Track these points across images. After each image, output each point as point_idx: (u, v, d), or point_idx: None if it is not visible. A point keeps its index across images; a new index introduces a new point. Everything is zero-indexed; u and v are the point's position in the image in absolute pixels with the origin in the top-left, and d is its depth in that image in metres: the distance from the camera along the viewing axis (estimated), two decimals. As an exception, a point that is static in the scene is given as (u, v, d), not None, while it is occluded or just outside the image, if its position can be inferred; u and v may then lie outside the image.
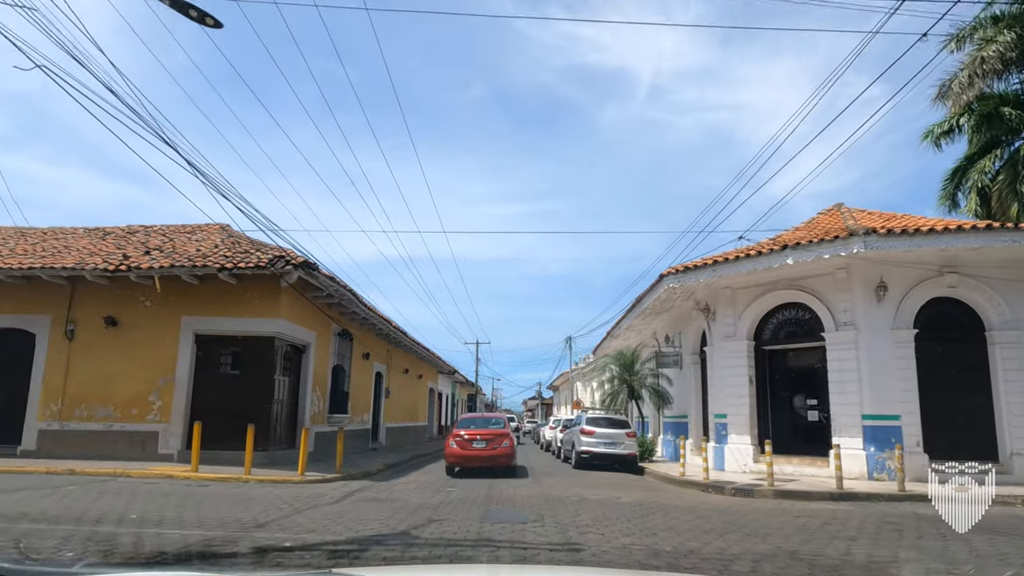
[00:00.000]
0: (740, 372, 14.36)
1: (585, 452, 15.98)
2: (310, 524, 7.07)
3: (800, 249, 12.13)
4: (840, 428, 12.52)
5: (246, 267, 12.70)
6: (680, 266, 14.43)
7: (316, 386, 16.01)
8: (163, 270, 12.77)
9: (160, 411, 13.44)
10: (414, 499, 9.55)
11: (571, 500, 9.49)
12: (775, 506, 9.60)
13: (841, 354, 12.69)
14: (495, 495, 9.86)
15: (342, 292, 15.00)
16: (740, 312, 14.62)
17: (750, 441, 14.02)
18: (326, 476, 12.16)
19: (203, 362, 13.80)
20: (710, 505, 9.57)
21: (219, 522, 7.05)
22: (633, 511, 8.58)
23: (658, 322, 20.67)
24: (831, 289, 13.07)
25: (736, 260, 13.20)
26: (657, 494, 11.02)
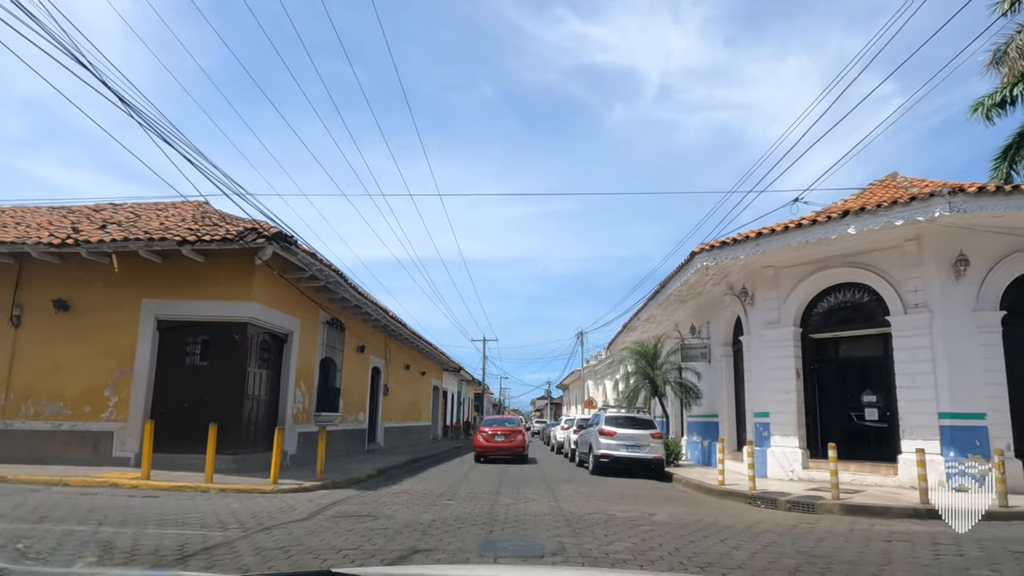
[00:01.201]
0: (785, 364, 12.41)
1: (604, 456, 14.08)
2: (251, 556, 5.24)
3: (865, 216, 10.17)
4: (910, 429, 10.55)
5: (211, 240, 10.90)
6: (716, 241, 12.49)
7: (301, 380, 14.21)
8: (116, 244, 11.00)
9: (116, 408, 11.67)
10: (402, 515, 7.71)
11: (596, 519, 7.60)
12: (850, 526, 7.66)
13: (911, 341, 10.72)
14: (501, 512, 7.99)
15: (328, 273, 13.18)
16: (785, 295, 12.66)
17: (797, 444, 12.07)
18: (303, 484, 10.34)
19: (166, 351, 12.02)
20: (768, 524, 7.66)
21: (128, 551, 5.24)
22: (678, 535, 6.69)
23: (682, 311, 18.72)
24: (898, 265, 11.10)
25: (785, 232, 11.25)
26: (697, 508, 9.11)
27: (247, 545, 5.67)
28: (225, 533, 6.27)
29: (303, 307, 14.13)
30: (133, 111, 8.53)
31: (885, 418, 11.71)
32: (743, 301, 13.75)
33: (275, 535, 6.21)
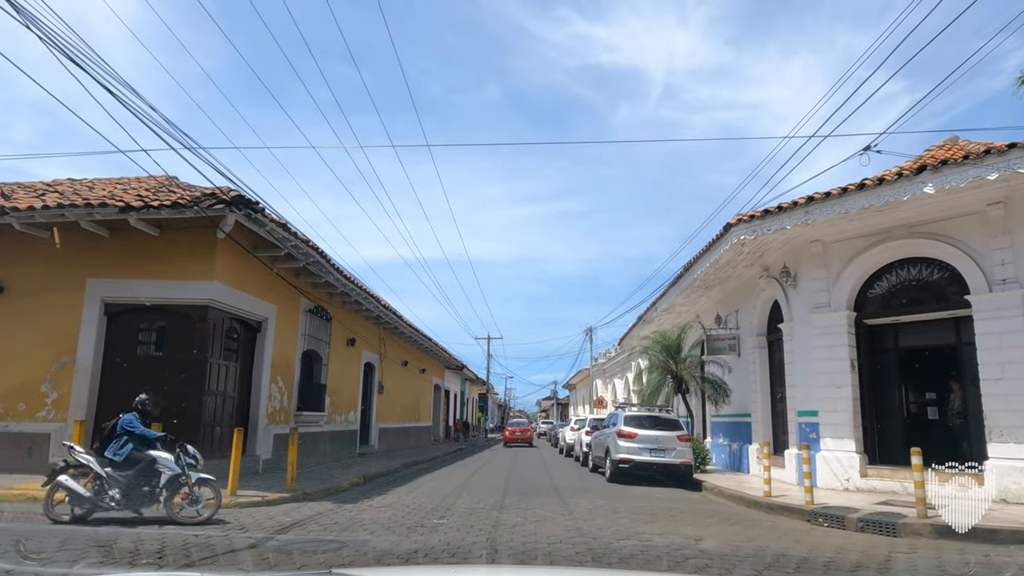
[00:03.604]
0: (837, 355, 10.59)
1: (624, 461, 12.29)
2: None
3: (947, 171, 8.35)
4: (1000, 430, 8.73)
5: (160, 206, 9.19)
6: (756, 211, 10.69)
7: (278, 375, 12.49)
8: (50, 212, 9.31)
9: (55, 405, 9.98)
10: (377, 541, 5.97)
11: (628, 548, 5.82)
12: (960, 557, 5.86)
13: (999, 324, 8.89)
14: (504, 538, 6.21)
15: (305, 251, 11.44)
16: (836, 274, 10.85)
17: (854, 448, 10.25)
18: (267, 496, 8.64)
19: (115, 340, 10.32)
20: (854, 555, 5.89)
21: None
22: (744, 574, 4.92)
23: (705, 300, 16.92)
24: (978, 234, 9.28)
25: (842, 195, 9.44)
26: (748, 529, 7.32)
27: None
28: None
29: (280, 292, 12.42)
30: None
31: (960, 417, 9.91)
32: (783, 283, 11.94)
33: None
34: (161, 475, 6.84)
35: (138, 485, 6.77)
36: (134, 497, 6.80)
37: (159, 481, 6.83)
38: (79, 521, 6.57)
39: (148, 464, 6.86)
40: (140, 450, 6.93)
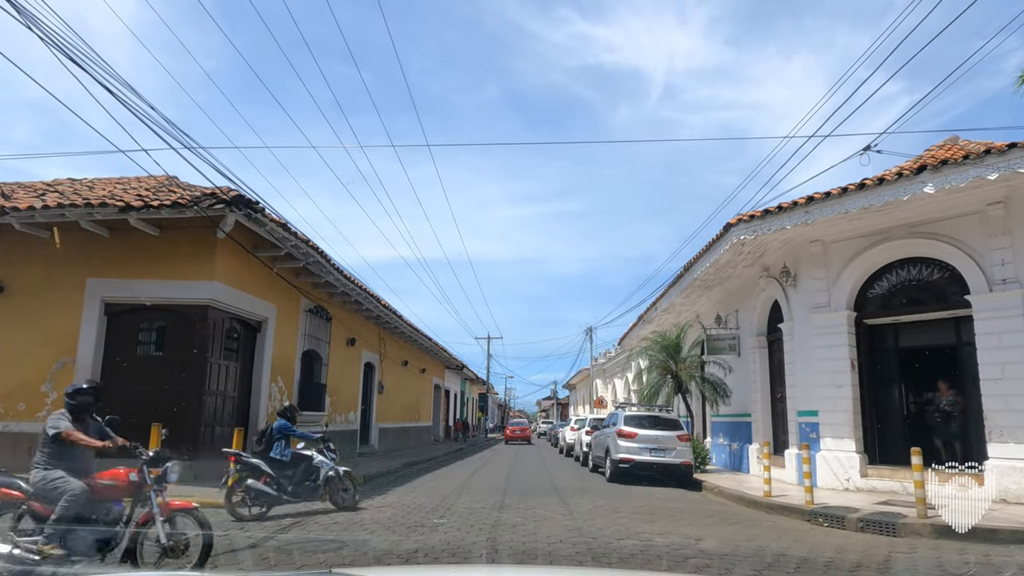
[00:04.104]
0: (837, 354, 10.59)
1: (624, 461, 12.29)
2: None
3: (948, 170, 8.35)
4: (1000, 430, 8.72)
5: (160, 206, 9.19)
6: (756, 211, 10.69)
7: (278, 375, 12.50)
8: (51, 212, 9.31)
9: (55, 405, 9.93)
10: (377, 541, 5.98)
11: (628, 548, 5.83)
12: (960, 556, 5.87)
13: (999, 324, 8.89)
14: (504, 538, 6.21)
15: (305, 251, 11.45)
16: (836, 274, 10.85)
17: (854, 448, 10.25)
18: (268, 496, 8.61)
19: (115, 339, 10.32)
20: (854, 554, 5.89)
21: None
22: (744, 574, 4.93)
23: (705, 300, 16.92)
24: (979, 234, 9.28)
25: (842, 195, 9.44)
26: (748, 529, 7.33)
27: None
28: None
29: (280, 292, 12.42)
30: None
31: (959, 417, 9.92)
32: (783, 283, 11.94)
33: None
34: (320, 471, 8.01)
35: (303, 480, 7.91)
36: (302, 491, 7.91)
37: (319, 476, 7.98)
38: (261, 518, 7.47)
39: (308, 462, 8.01)
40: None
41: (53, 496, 4.53)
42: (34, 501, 4.57)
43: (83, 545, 4.43)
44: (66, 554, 4.36)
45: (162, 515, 4.66)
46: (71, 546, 4.39)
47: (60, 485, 4.53)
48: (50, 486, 4.56)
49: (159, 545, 4.59)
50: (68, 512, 4.42)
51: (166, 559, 4.58)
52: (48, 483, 4.57)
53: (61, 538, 4.36)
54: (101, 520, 4.59)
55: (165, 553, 4.59)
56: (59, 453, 4.71)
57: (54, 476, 4.58)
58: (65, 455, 4.72)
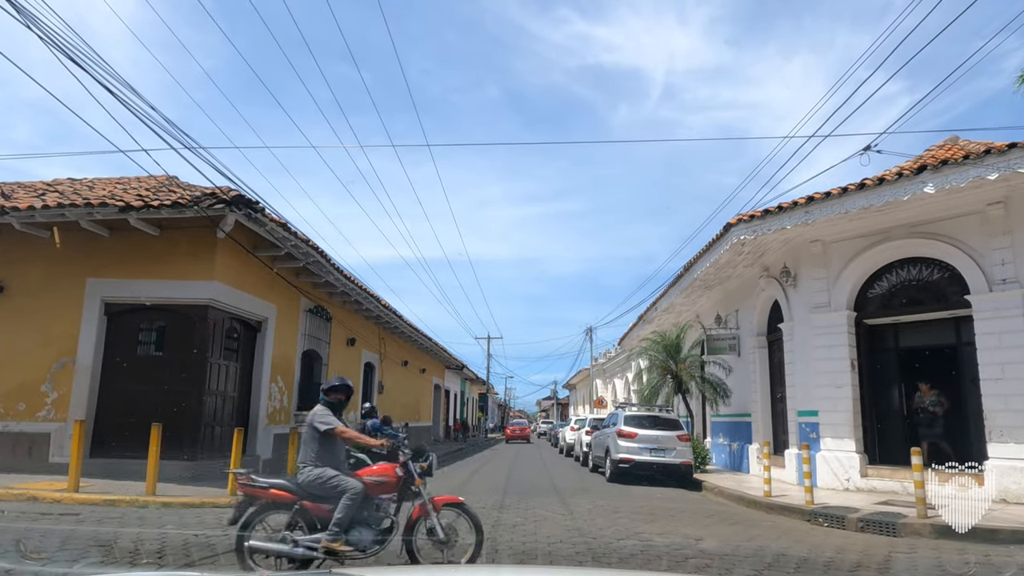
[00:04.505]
0: (837, 354, 10.59)
1: (624, 461, 12.29)
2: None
3: (948, 170, 8.35)
4: (1000, 430, 8.73)
5: (160, 206, 9.19)
6: (756, 211, 10.70)
7: (278, 375, 12.50)
8: (51, 212, 9.31)
9: (55, 405, 9.98)
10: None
11: (628, 548, 5.83)
12: (959, 556, 5.87)
13: (999, 324, 8.89)
14: (504, 538, 6.21)
15: (305, 251, 11.45)
16: (836, 274, 10.85)
17: (854, 448, 10.25)
18: (268, 496, 8.61)
19: (115, 339, 10.32)
20: (854, 554, 5.89)
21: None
22: (744, 574, 4.93)
23: (705, 300, 16.92)
24: (979, 234, 9.28)
25: (842, 195, 9.44)
26: (748, 529, 7.33)
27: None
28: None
29: (280, 292, 12.42)
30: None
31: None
32: (783, 283, 11.94)
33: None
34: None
35: None
36: None
37: None
38: None
39: (393, 456, 8.44)
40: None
41: (330, 495, 4.53)
42: (305, 500, 4.55)
43: (364, 542, 4.47)
44: (351, 551, 4.40)
45: (435, 509, 4.66)
46: (353, 543, 4.43)
47: (339, 484, 4.52)
48: (328, 485, 4.54)
49: (433, 539, 4.60)
50: (350, 511, 4.45)
51: (440, 552, 4.58)
52: (325, 482, 4.56)
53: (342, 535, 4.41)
54: (372, 516, 4.60)
55: (440, 546, 4.58)
56: (327, 450, 4.72)
57: (330, 475, 4.58)
58: (330, 453, 4.74)
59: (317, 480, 4.55)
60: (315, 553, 4.34)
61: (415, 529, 4.63)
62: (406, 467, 4.71)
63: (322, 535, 4.39)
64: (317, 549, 4.34)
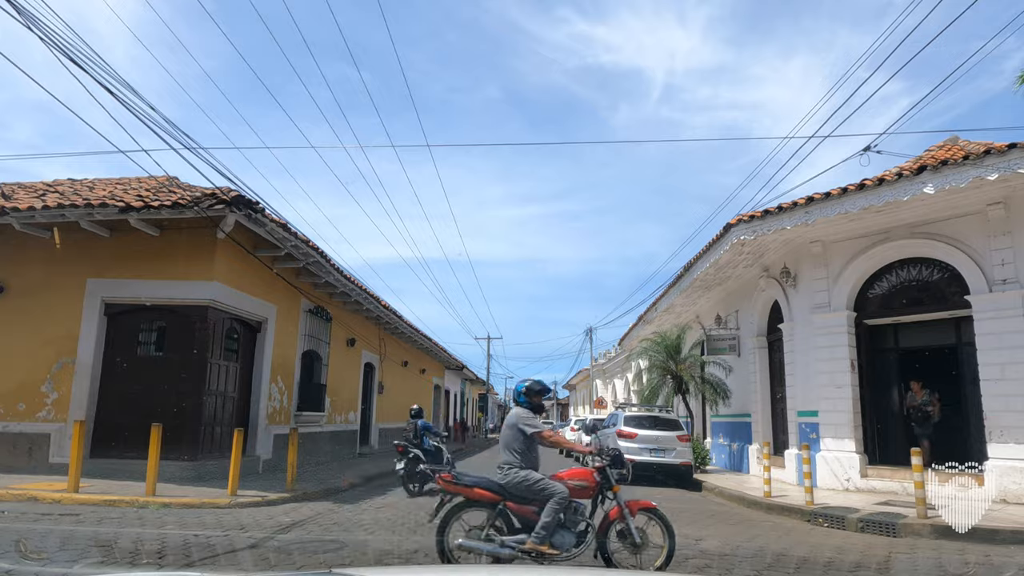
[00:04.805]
0: (837, 355, 10.60)
1: (624, 461, 12.27)
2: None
3: (947, 171, 8.36)
4: (1000, 431, 8.73)
5: (160, 206, 9.19)
6: (756, 212, 10.70)
7: (278, 375, 12.49)
8: (50, 212, 9.30)
9: (55, 406, 9.97)
10: (377, 541, 5.99)
11: (628, 547, 5.82)
12: (960, 556, 5.87)
13: (999, 324, 8.90)
14: (505, 537, 6.21)
15: (306, 251, 11.44)
16: (836, 274, 10.86)
17: (854, 448, 10.26)
18: (268, 496, 8.63)
19: (115, 340, 10.32)
20: (854, 555, 5.89)
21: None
22: (744, 574, 4.93)
23: (704, 300, 16.94)
24: (979, 234, 9.29)
25: (842, 196, 9.45)
26: (748, 529, 7.34)
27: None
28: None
29: (280, 292, 12.42)
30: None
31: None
32: (783, 283, 11.96)
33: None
34: (444, 456, 10.58)
35: (437, 462, 10.24)
36: (438, 471, 10.37)
37: (443, 459, 10.48)
38: (420, 493, 9.68)
39: (438, 451, 10.62)
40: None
41: (536, 497, 4.59)
42: (509, 501, 4.62)
43: (567, 544, 4.51)
44: (557, 553, 4.44)
45: (631, 513, 4.69)
46: (557, 545, 4.46)
47: (547, 487, 4.56)
48: (536, 488, 4.58)
49: (626, 543, 4.63)
50: (557, 514, 4.49)
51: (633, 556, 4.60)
52: (532, 484, 4.59)
53: (548, 538, 4.45)
54: (570, 519, 4.62)
55: (633, 550, 4.61)
56: (531, 453, 4.77)
57: (537, 478, 4.62)
58: (532, 455, 4.78)
59: (524, 482, 4.60)
60: (518, 553, 4.42)
61: (608, 532, 4.68)
62: (603, 472, 4.77)
63: (525, 536, 4.47)
64: (523, 549, 4.40)
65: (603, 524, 4.66)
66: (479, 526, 4.64)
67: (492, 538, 4.52)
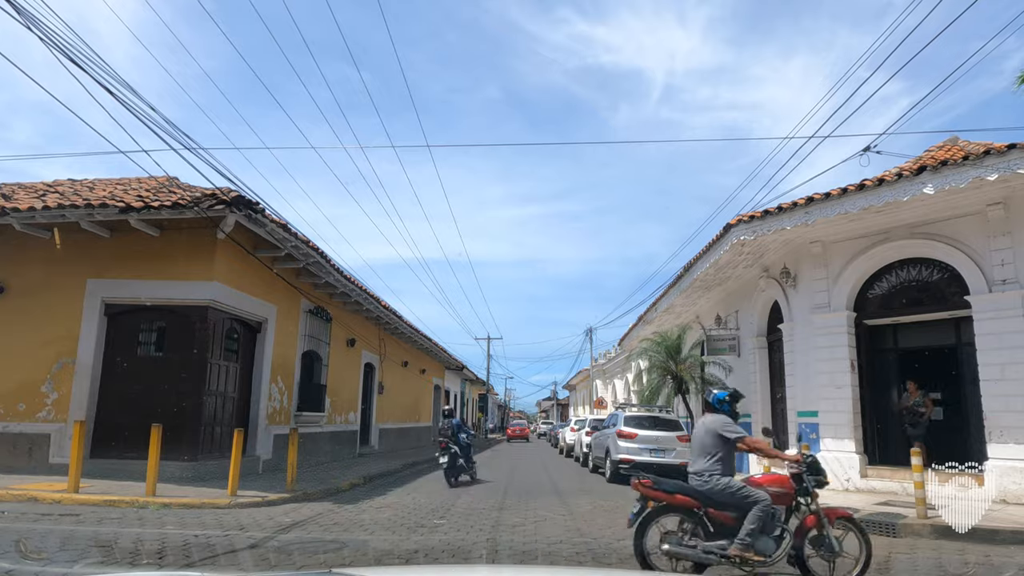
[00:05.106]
0: (837, 355, 10.60)
1: (624, 461, 12.29)
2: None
3: (947, 171, 8.36)
4: (1000, 431, 8.73)
5: (160, 207, 9.20)
6: (756, 212, 10.70)
7: (278, 375, 12.50)
8: (51, 213, 9.31)
9: (55, 406, 9.98)
10: (377, 541, 5.99)
11: (626, 548, 5.79)
12: (960, 556, 5.87)
13: (999, 325, 8.90)
14: (504, 539, 6.22)
15: (306, 251, 11.45)
16: (836, 275, 10.85)
17: (854, 448, 10.26)
18: (268, 496, 8.63)
19: (115, 340, 10.33)
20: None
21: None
22: (744, 575, 4.93)
23: (704, 300, 16.92)
24: (979, 235, 9.28)
25: (842, 196, 9.44)
26: (748, 529, 7.32)
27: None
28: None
29: (280, 292, 12.42)
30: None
31: (959, 418, 9.93)
32: (783, 283, 11.95)
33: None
34: (471, 451, 11.92)
35: (467, 456, 11.66)
36: (469, 465, 11.93)
37: (470, 453, 12.03)
38: (459, 484, 11.15)
39: (468, 447, 11.74)
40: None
41: (738, 504, 4.57)
42: (709, 507, 4.63)
43: (769, 550, 4.50)
44: (762, 560, 4.45)
45: (829, 522, 4.65)
46: (760, 552, 4.47)
47: (750, 494, 4.56)
48: (739, 495, 4.58)
49: (821, 551, 4.61)
50: (761, 521, 4.48)
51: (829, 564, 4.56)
52: (735, 491, 4.59)
53: (752, 544, 4.45)
54: (769, 525, 4.60)
55: (830, 557, 4.57)
56: (730, 459, 4.79)
57: (739, 485, 4.63)
58: (731, 461, 4.80)
59: (727, 489, 4.60)
60: (721, 559, 4.47)
61: (804, 539, 4.65)
62: (800, 479, 4.72)
63: (724, 542, 4.50)
64: (725, 555, 4.45)
65: (799, 530, 4.64)
66: (671, 531, 4.69)
67: (697, 545, 4.56)
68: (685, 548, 4.57)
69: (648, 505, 4.71)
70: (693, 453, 4.98)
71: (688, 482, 4.81)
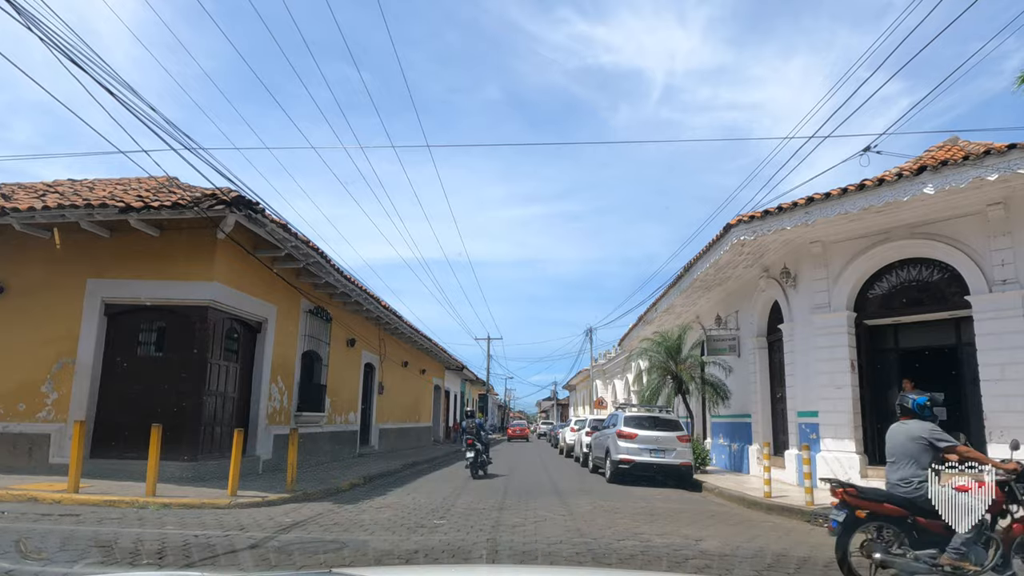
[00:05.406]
0: (837, 355, 10.60)
1: (624, 461, 12.29)
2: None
3: (947, 171, 8.36)
4: (1000, 431, 8.71)
5: (160, 207, 9.19)
6: (756, 212, 10.70)
7: (278, 375, 12.49)
8: (51, 213, 9.30)
9: (55, 406, 9.98)
10: (377, 542, 5.99)
11: (628, 548, 5.83)
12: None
13: (999, 325, 8.90)
14: (505, 539, 6.21)
15: (306, 252, 11.44)
16: (836, 275, 10.85)
17: (854, 448, 10.26)
18: (268, 497, 8.63)
19: (115, 340, 10.32)
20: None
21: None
22: (744, 575, 4.93)
23: (705, 301, 16.93)
24: (979, 235, 9.28)
25: (842, 196, 9.44)
26: (748, 530, 7.34)
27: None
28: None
29: (280, 292, 12.42)
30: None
31: (959, 418, 9.93)
32: (783, 284, 11.95)
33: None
34: (490, 448, 12.97)
35: (487, 451, 13.34)
36: (488, 459, 13.22)
37: (488, 450, 13.28)
38: (484, 476, 12.90)
39: (488, 444, 12.91)
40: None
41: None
42: (918, 516, 4.61)
43: (982, 559, 4.47)
44: (977, 570, 4.40)
45: None
46: (974, 561, 4.43)
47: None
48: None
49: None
50: (976, 530, 4.46)
51: None
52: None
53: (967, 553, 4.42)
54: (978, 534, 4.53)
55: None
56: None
57: None
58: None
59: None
60: (932, 569, 4.44)
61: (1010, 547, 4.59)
62: (1008, 487, 4.63)
63: (934, 551, 4.49)
64: (937, 564, 4.43)
65: (1007, 538, 4.58)
66: (871, 539, 4.68)
67: (900, 552, 4.55)
68: (895, 557, 4.55)
69: (858, 515, 4.67)
70: (894, 460, 4.89)
71: (888, 490, 4.77)
